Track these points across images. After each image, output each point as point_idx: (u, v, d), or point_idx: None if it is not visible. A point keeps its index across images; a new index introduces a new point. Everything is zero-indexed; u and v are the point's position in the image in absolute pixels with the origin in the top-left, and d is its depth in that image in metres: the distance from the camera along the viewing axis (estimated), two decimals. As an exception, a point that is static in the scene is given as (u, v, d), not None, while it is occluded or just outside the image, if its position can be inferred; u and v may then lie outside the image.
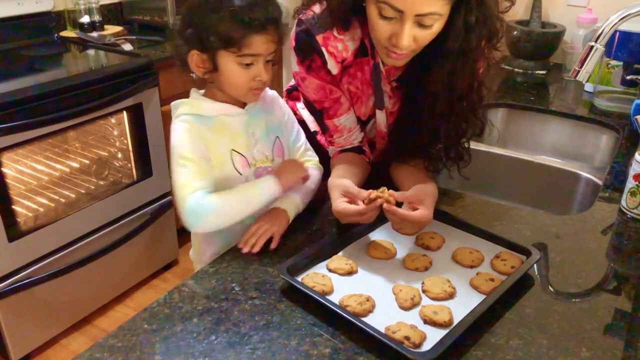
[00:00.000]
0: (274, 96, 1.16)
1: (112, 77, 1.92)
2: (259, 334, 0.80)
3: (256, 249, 0.99)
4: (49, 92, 1.73)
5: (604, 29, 1.23)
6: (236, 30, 0.95)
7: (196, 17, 0.98)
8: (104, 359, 0.76)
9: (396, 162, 1.19)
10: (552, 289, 0.93)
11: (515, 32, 2.04)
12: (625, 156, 1.38)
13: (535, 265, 0.94)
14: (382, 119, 1.19)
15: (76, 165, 2.15)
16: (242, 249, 0.99)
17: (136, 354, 0.77)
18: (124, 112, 2.05)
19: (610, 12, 1.25)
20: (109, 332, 0.81)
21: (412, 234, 1.03)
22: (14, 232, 1.75)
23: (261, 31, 0.97)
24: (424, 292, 0.89)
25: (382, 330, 0.78)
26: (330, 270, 0.94)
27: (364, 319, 0.81)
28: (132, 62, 2.04)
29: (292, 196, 1.10)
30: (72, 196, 2.02)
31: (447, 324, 0.80)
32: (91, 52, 2.22)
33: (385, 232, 1.05)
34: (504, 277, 0.91)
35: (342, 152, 1.20)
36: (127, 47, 2.25)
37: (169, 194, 2.29)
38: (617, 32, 1.58)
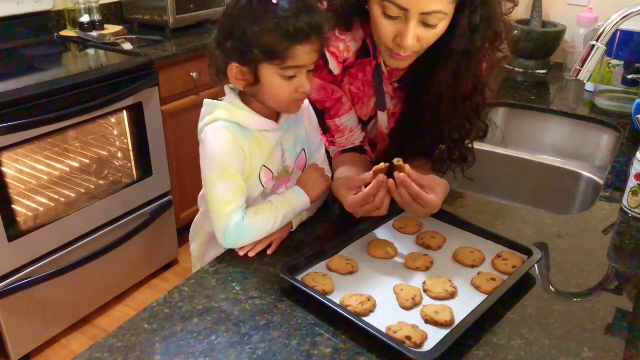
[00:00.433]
0: (304, 106, 1.09)
1: (112, 76, 1.92)
2: (259, 333, 0.80)
3: (252, 254, 0.99)
4: (49, 91, 1.73)
5: (605, 28, 1.23)
6: (280, 42, 0.89)
7: (237, 28, 0.91)
8: (104, 359, 0.76)
9: None
10: (553, 289, 0.92)
11: (515, 32, 2.03)
12: (626, 155, 1.38)
13: (536, 265, 0.94)
14: (384, 120, 1.18)
15: (76, 164, 2.15)
16: (239, 251, 0.99)
17: (136, 354, 0.77)
18: (124, 112, 2.05)
19: (611, 11, 1.25)
20: (109, 332, 0.81)
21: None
22: (14, 231, 1.75)
23: (305, 41, 0.90)
24: (425, 291, 0.88)
25: (383, 330, 0.78)
26: (331, 269, 0.94)
27: (365, 318, 0.81)
28: (132, 61, 2.04)
29: None
30: (72, 196, 2.02)
31: (448, 324, 0.80)
32: (91, 51, 2.22)
33: (386, 232, 1.05)
34: (505, 277, 0.90)
35: (344, 152, 1.20)
36: (127, 46, 2.25)
37: (169, 193, 2.29)
38: (618, 32, 1.57)
